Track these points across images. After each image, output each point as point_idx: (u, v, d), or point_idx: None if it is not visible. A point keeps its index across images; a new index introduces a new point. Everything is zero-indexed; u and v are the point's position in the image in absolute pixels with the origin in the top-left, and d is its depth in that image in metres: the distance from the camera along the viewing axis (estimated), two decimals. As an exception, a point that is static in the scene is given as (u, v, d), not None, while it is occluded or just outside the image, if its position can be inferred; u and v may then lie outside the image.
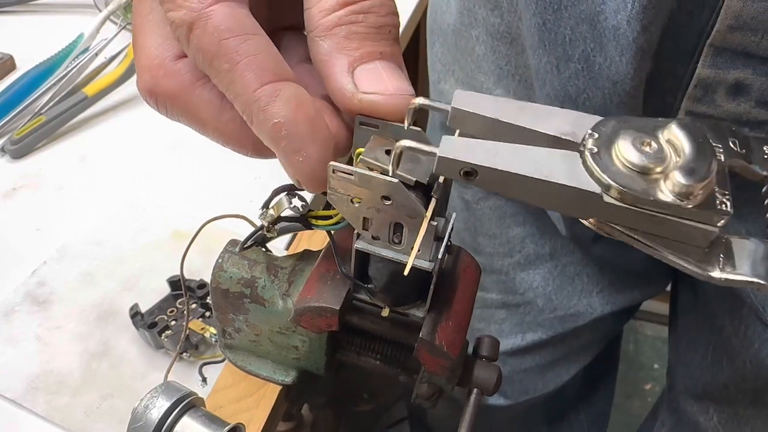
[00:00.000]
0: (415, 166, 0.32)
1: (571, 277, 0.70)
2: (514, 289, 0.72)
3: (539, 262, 0.70)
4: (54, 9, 0.84)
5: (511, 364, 0.78)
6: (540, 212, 0.65)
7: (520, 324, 0.74)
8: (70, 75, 0.68)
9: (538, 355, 0.77)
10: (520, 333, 0.75)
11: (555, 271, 0.70)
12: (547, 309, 0.72)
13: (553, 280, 0.70)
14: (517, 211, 0.68)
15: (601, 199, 0.25)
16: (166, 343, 0.45)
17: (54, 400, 0.44)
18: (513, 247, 0.70)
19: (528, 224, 0.68)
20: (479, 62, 0.58)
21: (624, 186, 0.25)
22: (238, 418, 0.41)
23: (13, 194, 0.59)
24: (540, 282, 0.71)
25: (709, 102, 0.44)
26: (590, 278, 0.69)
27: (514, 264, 0.71)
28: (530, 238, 0.69)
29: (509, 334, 0.75)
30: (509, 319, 0.75)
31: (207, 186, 0.60)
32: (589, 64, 0.46)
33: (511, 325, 0.75)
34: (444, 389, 0.39)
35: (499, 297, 0.74)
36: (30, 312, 0.49)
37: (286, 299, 0.38)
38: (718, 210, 0.25)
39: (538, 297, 0.72)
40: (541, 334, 0.74)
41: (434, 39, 0.67)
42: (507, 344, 0.76)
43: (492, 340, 0.41)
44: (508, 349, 0.76)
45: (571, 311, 0.71)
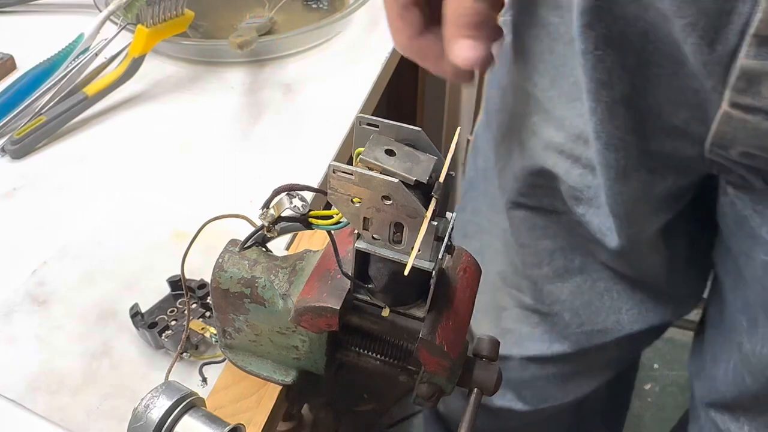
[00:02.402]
0: (415, 166, 0.32)
1: (600, 293, 0.68)
2: (543, 299, 0.71)
3: (568, 275, 0.68)
4: (54, 9, 0.84)
5: (533, 370, 0.77)
6: (572, 225, 0.63)
7: (549, 333, 0.73)
8: (70, 75, 0.68)
9: (561, 365, 0.76)
10: (547, 342, 0.74)
11: (584, 286, 0.68)
12: (573, 323, 0.71)
13: (582, 295, 0.68)
14: (548, 224, 0.66)
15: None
16: (166, 343, 0.45)
17: (54, 400, 0.44)
18: (542, 259, 0.69)
19: (559, 238, 0.66)
20: (535, 63, 0.57)
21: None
22: (238, 418, 0.41)
23: (13, 194, 0.59)
24: (568, 296, 0.69)
25: (754, 94, 0.43)
26: (620, 295, 0.68)
27: (543, 276, 0.70)
28: (560, 252, 0.67)
29: (537, 340, 0.74)
30: (541, 326, 0.74)
31: (207, 186, 0.60)
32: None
33: (542, 332, 0.74)
34: (444, 389, 0.39)
35: (531, 302, 0.73)
36: (30, 312, 0.49)
37: (286, 299, 0.38)
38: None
39: (565, 311, 0.70)
40: (567, 347, 0.73)
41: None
42: (532, 349, 0.75)
43: (492, 340, 0.41)
44: (532, 355, 0.75)
45: (599, 327, 0.70)
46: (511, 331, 0.76)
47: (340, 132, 0.65)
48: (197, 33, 0.80)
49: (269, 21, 0.78)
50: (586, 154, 0.55)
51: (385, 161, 0.31)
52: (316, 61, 0.76)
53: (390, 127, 0.33)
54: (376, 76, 0.73)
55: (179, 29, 0.69)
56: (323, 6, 0.85)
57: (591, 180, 0.57)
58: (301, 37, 0.75)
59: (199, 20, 0.75)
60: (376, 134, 0.33)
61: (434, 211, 0.30)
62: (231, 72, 0.74)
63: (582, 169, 0.57)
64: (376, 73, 0.73)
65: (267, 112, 0.68)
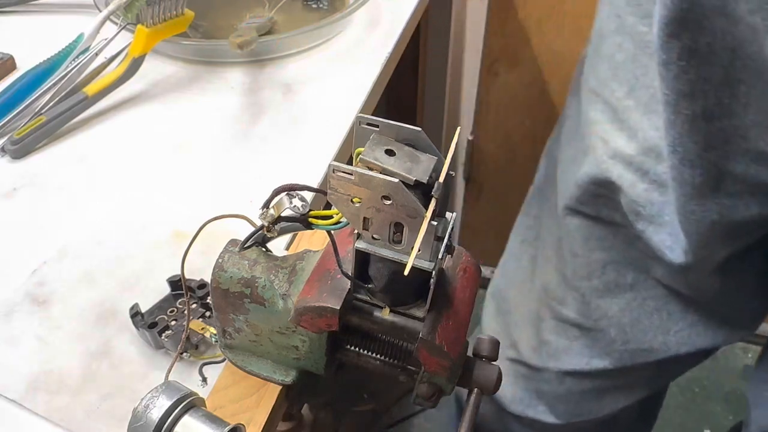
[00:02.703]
0: (415, 166, 0.32)
1: (650, 312, 0.66)
2: (589, 313, 0.69)
3: (618, 291, 0.66)
4: (54, 9, 0.84)
5: (570, 384, 0.76)
6: (629, 240, 0.62)
7: (590, 348, 0.72)
8: (70, 75, 0.68)
9: (599, 380, 0.74)
10: (586, 357, 0.72)
11: (634, 303, 0.66)
12: (618, 340, 0.69)
13: (631, 312, 0.67)
14: (604, 235, 0.64)
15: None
16: (166, 343, 0.45)
17: (54, 400, 0.44)
18: (593, 271, 0.67)
19: (613, 251, 0.64)
20: (616, 70, 0.56)
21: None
22: (238, 418, 0.41)
23: (13, 194, 0.59)
24: (616, 312, 0.67)
25: None
26: (670, 316, 0.65)
27: (592, 288, 0.68)
28: (612, 265, 0.65)
29: (576, 354, 0.73)
30: (580, 340, 0.72)
31: (207, 186, 0.60)
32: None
33: (581, 346, 0.72)
34: (444, 389, 0.39)
35: (574, 316, 0.71)
36: (30, 312, 0.49)
37: (286, 299, 0.38)
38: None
39: (612, 327, 0.68)
40: (608, 363, 0.71)
41: (586, 49, 0.65)
42: (571, 363, 0.74)
43: (492, 340, 0.41)
44: (570, 369, 0.74)
45: (644, 346, 0.68)
46: (548, 342, 0.76)
47: (340, 132, 0.65)
48: (197, 33, 0.80)
49: (269, 21, 0.78)
50: (655, 169, 0.54)
51: (385, 161, 0.31)
52: (316, 61, 0.76)
53: (390, 127, 0.33)
54: (376, 76, 0.73)
55: (179, 29, 0.69)
56: (323, 6, 0.85)
57: (656, 197, 0.55)
58: (301, 37, 0.75)
59: (199, 20, 0.75)
60: (376, 134, 0.33)
61: (434, 211, 0.30)
62: (231, 72, 0.74)
63: (648, 184, 0.55)
64: (376, 73, 0.73)
65: (267, 112, 0.68)
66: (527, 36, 1.19)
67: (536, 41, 1.19)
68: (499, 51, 1.23)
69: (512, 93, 1.28)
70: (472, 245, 1.47)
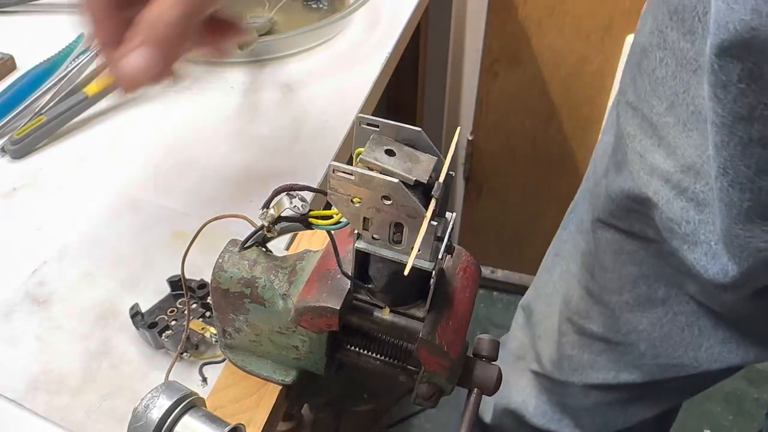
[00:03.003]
0: (415, 166, 0.32)
1: (681, 327, 0.65)
2: (618, 328, 0.69)
3: (649, 305, 0.65)
4: (54, 9, 0.84)
5: (596, 396, 0.75)
6: (662, 255, 0.61)
7: (617, 362, 0.71)
8: (70, 75, 0.68)
9: (626, 392, 0.73)
10: (613, 371, 0.71)
11: (665, 318, 0.65)
12: (648, 354, 0.68)
13: (661, 327, 0.65)
14: (636, 249, 0.64)
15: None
16: (166, 343, 0.45)
17: (54, 400, 0.44)
18: (623, 285, 0.66)
19: (645, 265, 0.63)
20: (656, 85, 0.55)
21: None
22: (238, 418, 0.41)
23: (13, 194, 0.59)
24: (646, 326, 0.66)
25: None
26: (702, 332, 0.64)
27: (622, 303, 0.67)
28: (644, 280, 0.64)
29: (602, 368, 0.72)
30: (606, 354, 0.71)
31: (207, 186, 0.60)
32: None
33: (607, 360, 0.71)
34: (444, 389, 0.39)
35: (600, 331, 0.71)
36: (30, 312, 0.49)
37: (286, 299, 0.38)
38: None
39: (642, 341, 0.67)
40: (636, 377, 0.70)
41: (626, 62, 0.64)
42: (597, 377, 0.73)
43: (492, 340, 0.41)
44: (596, 383, 0.73)
45: (674, 362, 0.67)
46: (570, 357, 0.75)
47: (340, 132, 0.65)
48: (197, 33, 0.80)
49: (269, 21, 0.78)
50: (693, 188, 0.53)
51: (385, 161, 0.31)
52: (316, 61, 0.76)
53: (390, 127, 0.33)
54: (376, 76, 0.73)
55: (179, 29, 0.69)
56: (323, 6, 0.85)
57: (693, 215, 0.54)
58: (301, 37, 0.75)
59: (199, 20, 0.75)
60: (376, 134, 0.33)
61: (434, 211, 0.30)
62: (231, 72, 0.74)
63: (686, 202, 0.54)
64: (376, 73, 0.73)
65: (267, 112, 0.68)
66: (527, 36, 1.19)
67: (536, 41, 1.19)
68: (499, 51, 1.23)
69: (512, 93, 1.28)
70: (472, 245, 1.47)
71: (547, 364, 0.80)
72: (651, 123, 0.56)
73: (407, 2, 0.85)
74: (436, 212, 0.31)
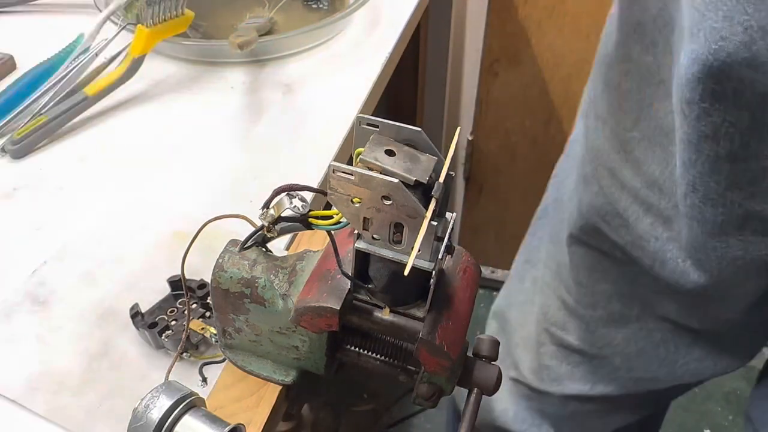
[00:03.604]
0: (415, 166, 0.32)
1: (657, 344, 0.64)
2: (593, 341, 0.69)
3: (623, 321, 0.65)
4: (54, 9, 0.84)
5: (574, 406, 0.75)
6: (634, 275, 0.60)
7: (593, 374, 0.71)
8: (71, 75, 0.68)
9: (603, 403, 0.73)
10: (590, 382, 0.71)
11: (639, 333, 0.65)
12: (623, 368, 0.68)
13: (636, 342, 0.65)
14: (609, 267, 0.63)
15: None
16: (166, 343, 0.45)
17: (54, 400, 0.44)
18: (597, 301, 0.66)
19: (619, 284, 0.63)
20: (622, 100, 0.55)
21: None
22: (238, 418, 0.41)
23: (13, 194, 0.59)
24: (620, 341, 0.66)
25: None
26: (678, 349, 0.64)
27: (596, 318, 0.67)
28: (618, 297, 0.64)
29: (579, 379, 0.72)
30: (583, 366, 0.71)
31: (207, 186, 0.60)
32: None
33: (584, 372, 0.72)
34: (444, 389, 0.39)
35: (576, 343, 0.71)
36: (30, 312, 0.49)
37: (286, 299, 0.38)
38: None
39: (616, 355, 0.67)
40: (612, 389, 0.70)
41: (593, 70, 0.63)
42: (573, 388, 0.73)
43: (492, 340, 0.41)
44: (573, 394, 0.73)
45: (649, 375, 0.67)
46: (548, 367, 0.75)
47: (340, 132, 0.65)
48: (197, 33, 0.80)
49: (269, 21, 0.78)
50: (658, 204, 0.53)
51: (385, 161, 0.31)
52: (316, 61, 0.76)
53: (390, 127, 0.33)
54: (376, 76, 0.73)
55: (179, 29, 0.69)
56: (323, 6, 0.85)
57: (660, 232, 0.54)
58: (301, 37, 0.75)
59: (199, 20, 0.75)
60: (376, 134, 0.33)
61: (434, 212, 0.30)
62: (231, 72, 0.74)
63: (653, 218, 0.54)
64: (376, 73, 0.73)
65: (267, 112, 0.68)
66: (527, 36, 1.19)
67: (536, 41, 1.19)
68: (499, 51, 1.23)
69: (512, 93, 1.28)
70: (472, 245, 1.47)
71: (526, 372, 0.80)
72: (619, 138, 0.56)
73: (407, 2, 0.85)
74: (436, 212, 0.31)
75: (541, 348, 0.76)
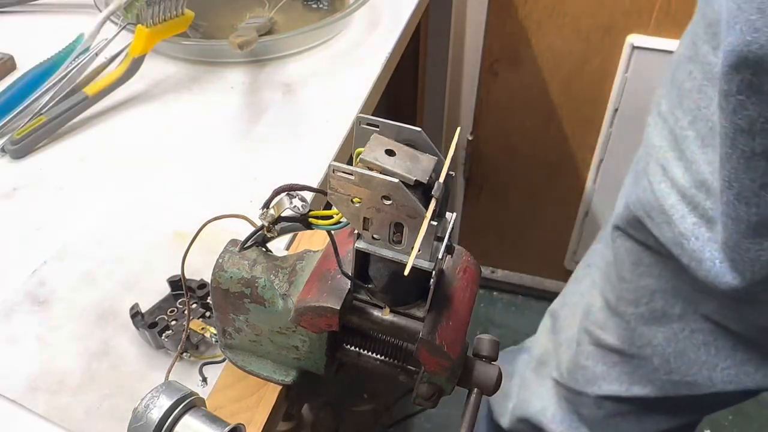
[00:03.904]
0: (415, 166, 0.32)
1: (698, 345, 0.63)
2: (632, 340, 0.68)
3: (665, 320, 0.64)
4: (54, 9, 0.84)
5: (608, 408, 0.75)
6: (678, 271, 0.59)
7: (630, 375, 0.70)
8: (71, 75, 0.68)
9: (639, 405, 0.72)
10: (626, 383, 0.71)
11: (681, 334, 0.64)
12: (662, 369, 0.67)
13: (677, 343, 0.64)
14: (653, 262, 0.63)
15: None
16: (166, 343, 0.45)
17: (54, 400, 0.44)
18: (640, 297, 0.65)
19: (663, 279, 0.63)
20: (682, 98, 0.55)
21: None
22: (238, 418, 0.41)
23: (13, 194, 0.59)
24: (661, 341, 0.65)
25: None
26: (719, 352, 0.63)
27: (638, 315, 0.66)
28: (661, 294, 0.64)
29: (614, 380, 0.72)
30: (619, 366, 0.71)
31: (207, 186, 0.60)
32: None
33: (620, 372, 0.71)
34: (444, 389, 0.39)
35: (615, 343, 0.70)
36: (30, 312, 0.49)
37: (286, 299, 0.38)
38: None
39: (656, 355, 0.66)
40: (649, 391, 0.69)
41: (667, 70, 0.64)
42: (609, 389, 0.72)
43: (492, 340, 0.41)
44: (608, 394, 0.73)
45: (688, 379, 0.65)
46: (585, 368, 0.75)
47: (340, 132, 0.65)
48: (197, 33, 0.80)
49: (269, 21, 0.78)
50: (704, 204, 0.53)
51: (385, 161, 0.31)
52: (316, 61, 0.76)
53: (390, 127, 0.33)
54: (376, 76, 0.73)
55: (179, 29, 0.69)
56: (323, 6, 0.85)
57: (703, 232, 0.54)
58: (301, 37, 0.75)
59: (199, 20, 0.75)
60: (376, 134, 0.33)
61: (434, 211, 0.30)
62: (231, 72, 0.74)
63: (697, 218, 0.54)
64: (376, 73, 0.73)
65: (267, 112, 0.68)
66: (527, 36, 1.19)
67: (536, 41, 1.19)
68: (499, 51, 1.23)
69: (512, 93, 1.28)
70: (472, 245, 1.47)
71: (565, 373, 0.80)
72: (675, 135, 0.56)
73: (407, 2, 0.85)
74: (436, 212, 0.31)
75: (579, 347, 0.75)
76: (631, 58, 1.12)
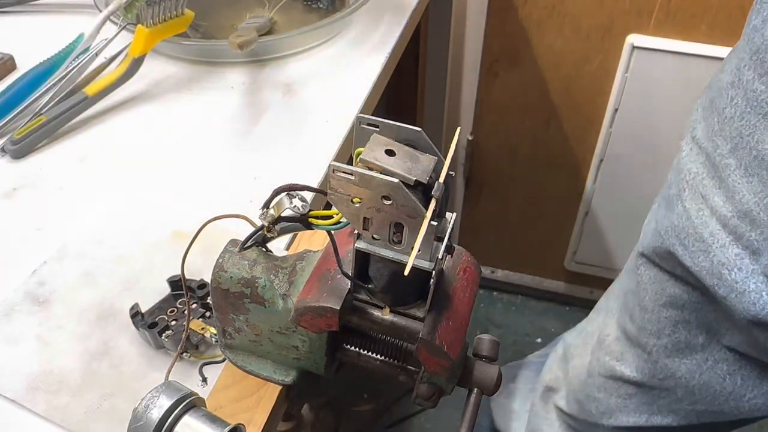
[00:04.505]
0: (415, 166, 0.32)
1: (723, 376, 0.62)
2: (654, 372, 0.66)
3: (689, 351, 0.63)
4: (54, 9, 0.84)
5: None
6: (704, 303, 0.59)
7: (649, 405, 0.69)
8: (71, 75, 0.68)
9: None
10: (645, 413, 0.69)
11: (704, 365, 0.62)
12: (686, 400, 0.65)
13: (701, 374, 0.63)
14: (679, 293, 0.61)
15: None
16: (166, 343, 0.45)
17: (54, 400, 0.44)
18: (662, 328, 0.64)
19: (687, 310, 0.61)
20: (723, 124, 0.54)
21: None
22: (238, 418, 0.41)
23: (13, 194, 0.59)
24: (684, 373, 0.64)
25: None
26: (745, 381, 0.61)
27: (660, 347, 0.65)
28: (684, 325, 0.62)
29: (632, 411, 0.70)
30: (637, 397, 0.69)
31: (207, 186, 0.60)
32: None
33: (638, 403, 0.69)
34: (444, 389, 0.39)
35: (632, 374, 0.68)
36: (30, 312, 0.49)
37: (286, 299, 0.38)
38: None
39: (679, 387, 0.65)
40: (671, 420, 0.68)
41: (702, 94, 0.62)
42: (627, 420, 0.71)
43: (492, 340, 0.41)
44: (627, 425, 0.71)
45: (714, 409, 0.64)
46: (597, 399, 0.73)
47: (340, 132, 0.65)
48: (197, 33, 0.80)
49: (269, 21, 0.78)
50: (749, 235, 0.52)
51: (385, 161, 0.31)
52: (316, 61, 0.76)
53: (390, 127, 0.33)
54: (376, 76, 0.73)
55: (179, 29, 0.69)
56: (323, 6, 0.85)
57: (747, 263, 0.52)
58: (301, 37, 0.75)
59: (199, 20, 0.75)
60: (376, 134, 0.33)
61: (434, 211, 0.30)
62: (231, 72, 0.74)
63: (741, 249, 0.53)
64: (376, 73, 0.73)
65: (267, 112, 0.68)
66: (527, 36, 1.19)
67: (536, 41, 1.19)
68: (499, 51, 1.23)
69: (512, 93, 1.28)
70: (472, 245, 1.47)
71: (574, 403, 0.79)
72: (714, 163, 0.55)
73: (407, 2, 0.85)
74: (436, 212, 0.31)
75: (589, 379, 0.74)
76: (631, 58, 1.12)
